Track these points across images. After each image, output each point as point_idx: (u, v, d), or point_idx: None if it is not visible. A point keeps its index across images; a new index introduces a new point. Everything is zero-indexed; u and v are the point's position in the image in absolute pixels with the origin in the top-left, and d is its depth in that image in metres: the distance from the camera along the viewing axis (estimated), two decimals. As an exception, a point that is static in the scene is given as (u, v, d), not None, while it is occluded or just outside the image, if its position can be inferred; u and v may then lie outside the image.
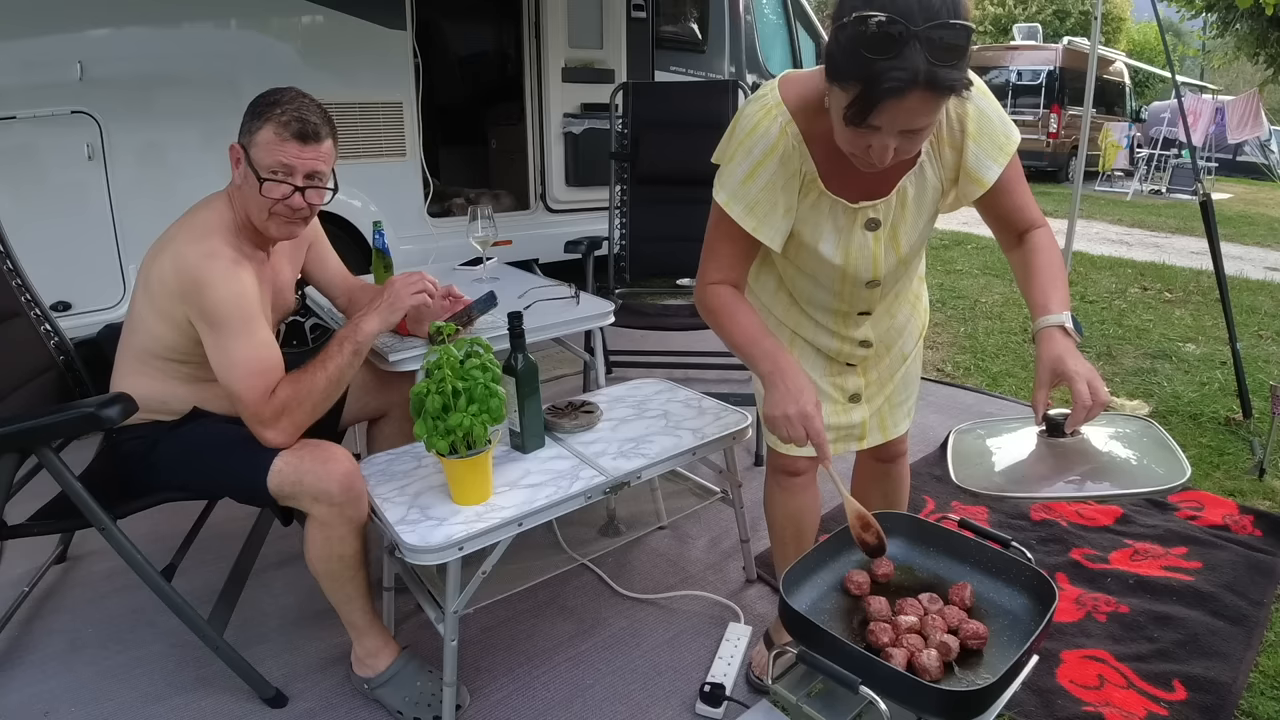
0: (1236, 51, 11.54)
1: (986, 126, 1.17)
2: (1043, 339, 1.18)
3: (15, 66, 2.53)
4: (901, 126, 1.01)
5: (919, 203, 1.24)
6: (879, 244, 1.26)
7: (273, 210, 1.41)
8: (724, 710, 1.52)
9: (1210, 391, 3.28)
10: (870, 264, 1.28)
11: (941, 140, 1.19)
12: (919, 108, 0.98)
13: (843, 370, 1.44)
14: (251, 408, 1.37)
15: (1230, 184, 13.00)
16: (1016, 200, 1.26)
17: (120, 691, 1.58)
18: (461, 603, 1.38)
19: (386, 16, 3.26)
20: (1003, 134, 1.19)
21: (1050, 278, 1.23)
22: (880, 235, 1.26)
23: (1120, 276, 5.64)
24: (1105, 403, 1.14)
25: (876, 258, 1.27)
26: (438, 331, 1.47)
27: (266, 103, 1.39)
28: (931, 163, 1.21)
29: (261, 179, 1.39)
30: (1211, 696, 1.55)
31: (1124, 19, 21.97)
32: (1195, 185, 3.31)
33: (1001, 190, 1.22)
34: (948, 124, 1.17)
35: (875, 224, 1.25)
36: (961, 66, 0.97)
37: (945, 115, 1.16)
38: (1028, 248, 1.27)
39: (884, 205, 1.23)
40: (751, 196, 1.21)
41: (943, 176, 1.22)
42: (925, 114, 1.00)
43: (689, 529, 2.18)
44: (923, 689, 0.94)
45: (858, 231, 1.25)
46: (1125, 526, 2.18)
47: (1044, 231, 1.28)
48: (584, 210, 4.17)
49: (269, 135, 1.38)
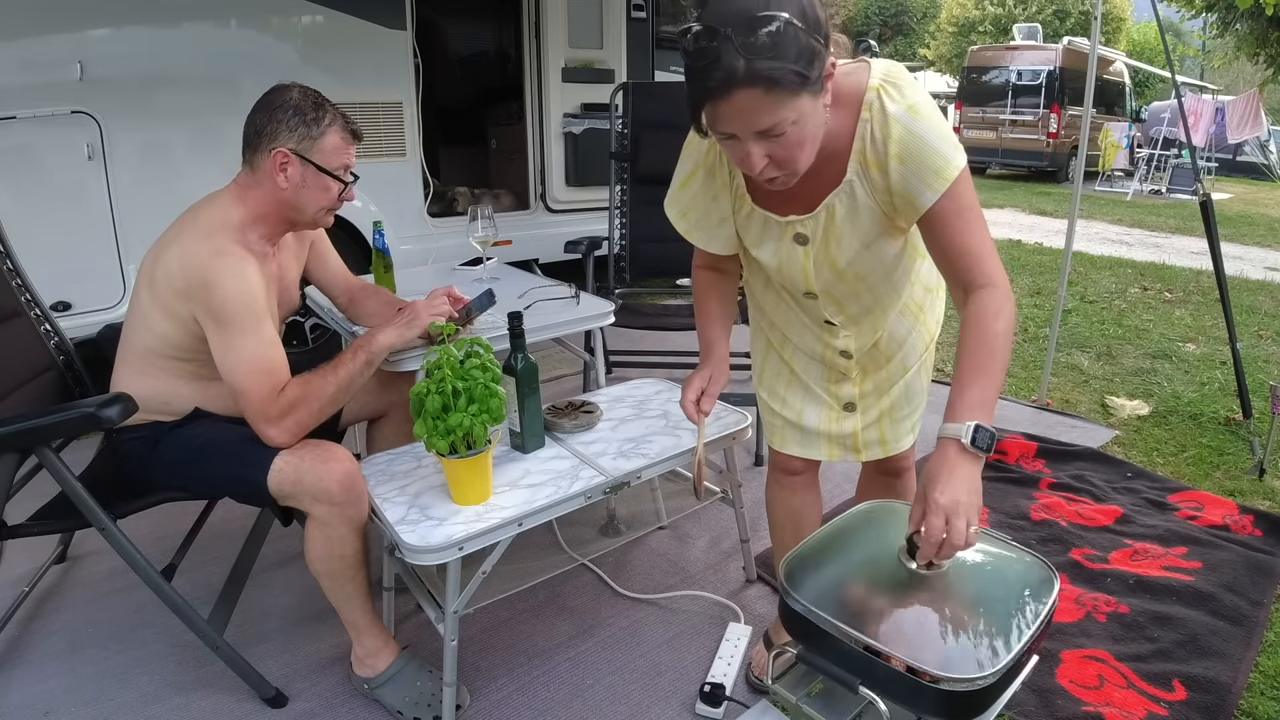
0: (1236, 51, 11.52)
1: (916, 148, 1.08)
2: (936, 448, 1.05)
3: (15, 66, 2.53)
4: (748, 128, 0.99)
5: (852, 221, 1.19)
6: (808, 258, 1.25)
7: (331, 207, 1.52)
8: (724, 710, 1.53)
9: (1210, 391, 3.28)
10: (801, 276, 1.27)
11: (868, 161, 1.13)
12: (753, 106, 0.96)
13: (839, 379, 1.42)
14: (256, 405, 1.37)
15: (1230, 184, 13.01)
16: (961, 240, 1.11)
17: (120, 691, 1.58)
18: (461, 603, 1.39)
19: (386, 16, 3.27)
20: (940, 158, 1.08)
21: (973, 369, 1.07)
22: (810, 250, 1.24)
23: (1120, 276, 5.64)
24: (960, 546, 0.99)
25: (807, 271, 1.26)
26: (438, 331, 1.47)
27: (311, 108, 1.45)
28: (861, 182, 1.15)
29: (343, 180, 1.50)
30: (1211, 696, 1.55)
31: (1124, 19, 21.97)
32: (1195, 185, 3.31)
33: (939, 222, 1.11)
34: (873, 143, 1.11)
35: (804, 239, 1.23)
36: (783, 57, 0.93)
37: (871, 134, 1.11)
38: (966, 319, 1.11)
39: (811, 221, 1.20)
40: (683, 203, 1.31)
41: (877, 198, 1.16)
42: (765, 111, 0.97)
43: (689, 529, 2.18)
44: (923, 689, 0.94)
45: (787, 243, 1.25)
46: (1125, 526, 2.18)
47: (990, 295, 1.10)
48: (584, 210, 4.17)
49: (336, 140, 1.47)
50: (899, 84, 1.10)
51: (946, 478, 1.01)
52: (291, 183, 1.45)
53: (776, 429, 1.50)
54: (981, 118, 12.87)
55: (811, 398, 1.44)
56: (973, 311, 1.10)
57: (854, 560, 1.23)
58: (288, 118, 1.43)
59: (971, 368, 1.07)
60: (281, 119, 1.42)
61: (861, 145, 1.12)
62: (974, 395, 1.05)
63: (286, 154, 1.43)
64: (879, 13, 21.33)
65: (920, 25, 22.19)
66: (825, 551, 1.21)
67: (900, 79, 1.10)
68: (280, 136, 1.42)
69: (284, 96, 1.44)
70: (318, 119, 1.45)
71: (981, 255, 1.12)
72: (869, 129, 1.11)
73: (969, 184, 1.12)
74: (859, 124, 1.11)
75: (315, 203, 1.49)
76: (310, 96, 1.46)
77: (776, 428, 1.50)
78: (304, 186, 1.46)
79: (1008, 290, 1.12)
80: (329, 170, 1.47)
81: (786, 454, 1.49)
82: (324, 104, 1.47)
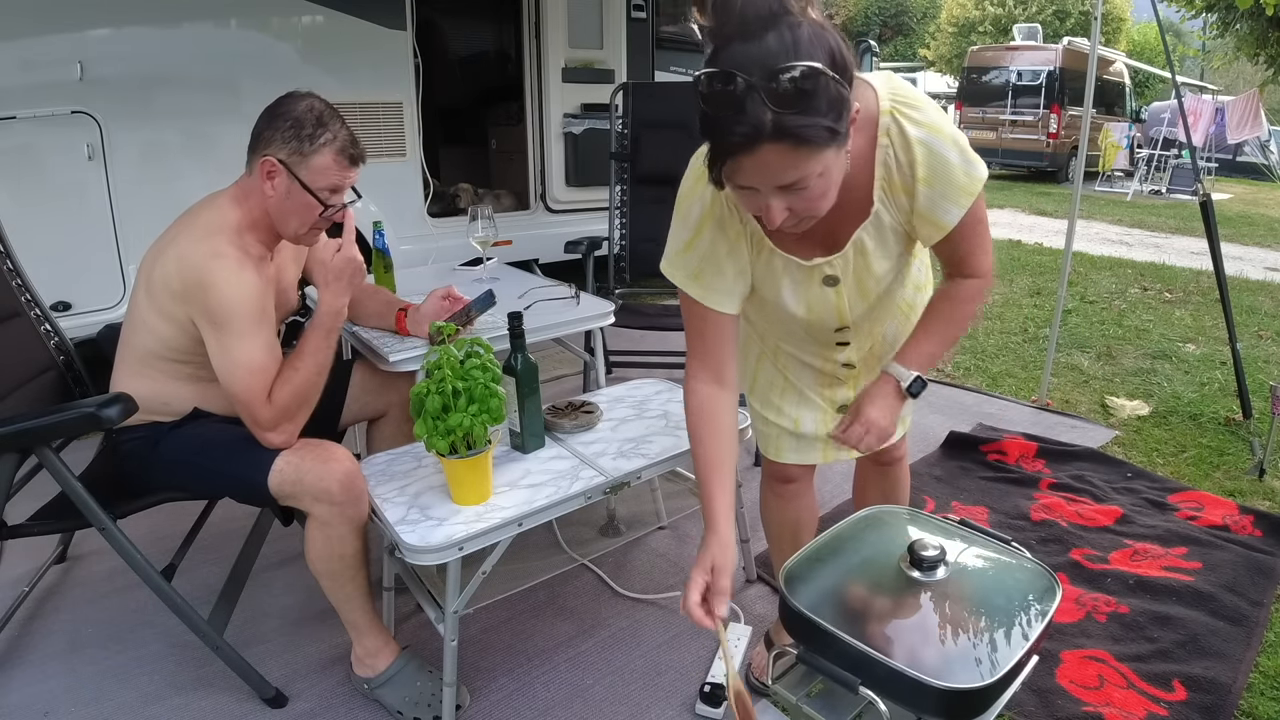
0: (1236, 52, 11.52)
1: (942, 170, 1.07)
2: (880, 377, 1.26)
3: (15, 66, 2.53)
4: (770, 183, 0.94)
5: (881, 249, 1.17)
6: (841, 298, 1.22)
7: (313, 225, 1.47)
8: (724, 710, 1.52)
9: (1210, 391, 3.28)
10: (834, 315, 1.25)
11: (895, 187, 1.11)
12: (778, 161, 0.90)
13: (832, 383, 1.41)
14: (253, 410, 1.37)
15: (1230, 184, 13.01)
16: (967, 245, 1.17)
17: (120, 691, 1.58)
18: (461, 603, 1.38)
19: (386, 16, 3.26)
20: (963, 173, 1.08)
21: (931, 333, 1.23)
22: (842, 290, 1.21)
23: (1120, 277, 5.64)
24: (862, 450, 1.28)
25: (841, 310, 1.24)
26: (438, 331, 1.47)
27: (312, 123, 1.41)
28: (887, 209, 1.13)
29: (324, 202, 1.44)
30: (1211, 696, 1.55)
31: (1124, 19, 21.97)
32: (1195, 185, 3.31)
33: (957, 236, 1.13)
34: (899, 169, 1.09)
35: (834, 280, 1.19)
36: (814, 111, 0.87)
37: (895, 160, 1.08)
38: (946, 290, 1.24)
39: (840, 260, 1.17)
40: (693, 265, 1.17)
41: (901, 219, 1.15)
42: (791, 167, 0.91)
43: (689, 529, 2.18)
44: (923, 689, 0.94)
45: (816, 287, 1.20)
46: (1125, 527, 2.18)
47: (973, 282, 1.21)
48: (584, 210, 4.17)
49: (328, 160, 1.42)
50: (912, 103, 1.07)
51: (880, 403, 1.24)
52: (277, 193, 1.43)
53: (771, 439, 1.47)
54: (981, 118, 12.87)
55: (806, 403, 1.42)
56: (953, 288, 1.23)
57: (854, 563, 1.23)
58: (285, 128, 1.41)
59: (932, 329, 1.24)
60: (279, 128, 1.41)
61: (885, 172, 1.09)
62: (926, 349, 1.23)
63: (274, 163, 1.41)
64: (879, 13, 21.33)
65: (920, 25, 22.19)
66: (826, 554, 1.21)
67: (911, 97, 1.08)
68: (273, 145, 1.41)
69: (290, 105, 1.42)
70: (314, 135, 1.41)
71: (977, 253, 1.19)
72: (891, 155, 1.08)
73: (982, 200, 1.14)
74: (878, 150, 1.08)
75: (296, 218, 1.45)
76: (316, 111, 1.43)
77: (771, 438, 1.47)
78: (287, 200, 1.44)
79: (989, 283, 1.24)
80: (311, 188, 1.43)
81: (782, 462, 1.47)
82: (327, 122, 1.43)
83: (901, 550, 1.15)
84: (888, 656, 0.99)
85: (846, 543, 1.23)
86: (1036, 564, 1.14)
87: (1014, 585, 1.12)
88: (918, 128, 1.06)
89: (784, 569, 1.12)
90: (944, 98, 18.73)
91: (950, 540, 1.23)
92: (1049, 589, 1.11)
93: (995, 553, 1.19)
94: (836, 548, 1.23)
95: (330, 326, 1.47)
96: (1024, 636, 1.04)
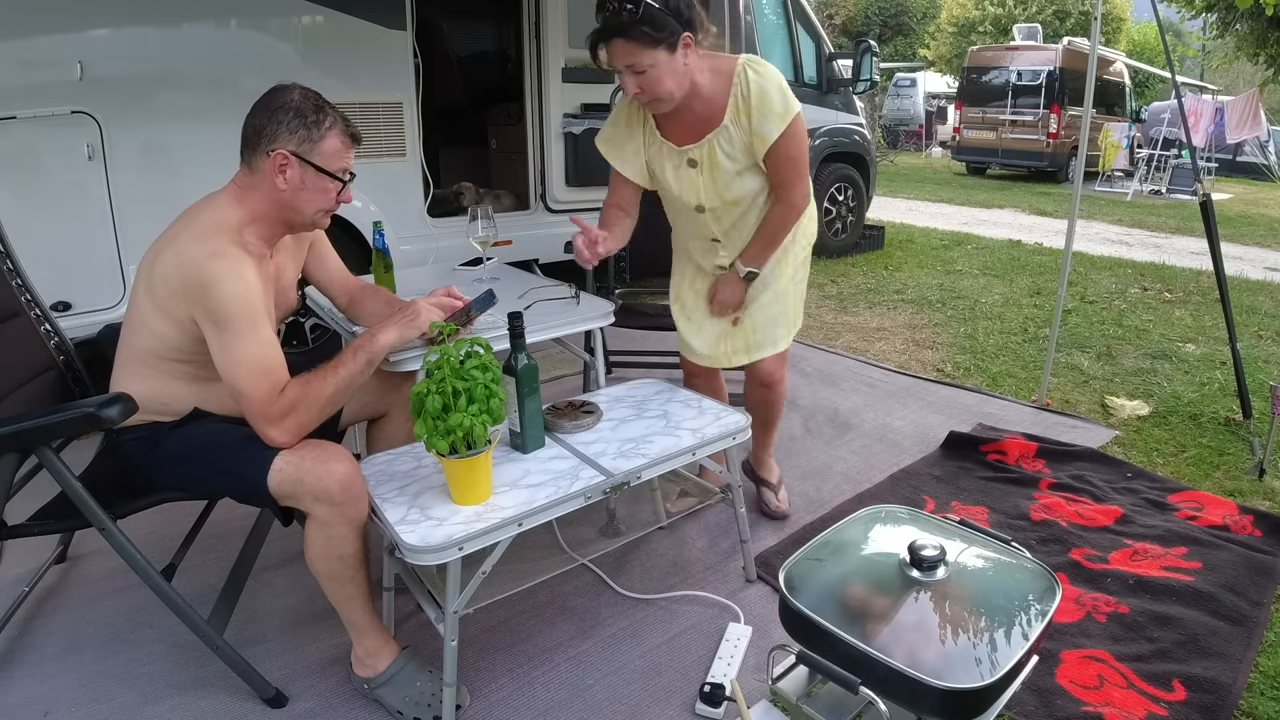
0: (1236, 52, 11.49)
1: (767, 100, 1.70)
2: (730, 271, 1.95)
3: (15, 66, 2.53)
4: (621, 64, 1.61)
5: (730, 153, 1.78)
6: (700, 177, 1.83)
7: (329, 208, 1.52)
8: (724, 710, 1.52)
9: (1210, 391, 3.28)
10: (694, 192, 1.85)
11: (739, 111, 1.73)
12: (622, 50, 1.59)
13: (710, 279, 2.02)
14: (257, 405, 1.37)
15: (1230, 184, 13.00)
16: (785, 174, 1.79)
17: (120, 691, 1.58)
18: (461, 603, 1.39)
19: (386, 16, 3.26)
20: (781, 105, 1.70)
21: (760, 240, 1.89)
22: (699, 172, 1.82)
23: (1120, 277, 5.64)
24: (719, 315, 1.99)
25: (698, 187, 1.84)
26: (438, 331, 1.47)
27: (312, 110, 1.44)
28: (735, 124, 1.75)
29: (342, 181, 1.51)
30: (1211, 696, 1.55)
31: (1124, 19, 21.93)
32: (1195, 185, 3.31)
33: (774, 160, 1.77)
34: (743, 99, 1.72)
35: (694, 163, 1.82)
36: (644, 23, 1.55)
37: (741, 93, 1.71)
38: (769, 214, 1.88)
39: (697, 150, 1.80)
40: (608, 135, 1.91)
41: (745, 137, 1.75)
42: (630, 55, 1.59)
43: (689, 529, 2.18)
44: (923, 689, 0.94)
45: (684, 167, 1.83)
46: (1125, 527, 2.18)
47: (786, 208, 1.84)
48: (584, 210, 4.17)
49: (336, 144, 1.47)
50: (757, 64, 1.73)
51: (729, 289, 1.95)
52: (291, 184, 1.45)
53: (683, 343, 2.07)
54: (981, 118, 12.86)
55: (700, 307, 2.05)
56: (774, 211, 1.87)
57: (854, 563, 1.23)
58: (288, 119, 1.42)
59: (760, 240, 1.90)
60: (282, 120, 1.42)
61: (734, 100, 1.74)
62: (755, 252, 1.90)
63: (286, 156, 1.42)
64: (879, 13, 21.29)
65: (920, 25, 22.14)
66: (826, 554, 1.21)
67: (758, 61, 1.74)
68: (280, 138, 1.42)
69: (284, 98, 1.44)
70: (318, 121, 1.44)
71: (790, 182, 1.81)
72: (739, 90, 1.73)
73: (802, 139, 1.76)
74: (733, 86, 1.73)
75: (314, 204, 1.49)
76: (311, 99, 1.46)
77: (683, 343, 2.07)
78: (303, 188, 1.46)
79: (799, 210, 1.86)
80: (330, 172, 1.47)
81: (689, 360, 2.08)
82: (324, 106, 1.47)
83: (901, 550, 1.15)
84: (888, 656, 0.99)
85: (846, 543, 1.23)
86: (1036, 564, 1.14)
87: (1014, 585, 1.12)
88: (757, 75, 1.71)
89: (784, 569, 1.12)
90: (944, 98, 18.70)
91: (950, 540, 1.23)
92: (1049, 589, 1.11)
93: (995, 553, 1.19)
94: (836, 548, 1.23)
95: (371, 356, 1.50)
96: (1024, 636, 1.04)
